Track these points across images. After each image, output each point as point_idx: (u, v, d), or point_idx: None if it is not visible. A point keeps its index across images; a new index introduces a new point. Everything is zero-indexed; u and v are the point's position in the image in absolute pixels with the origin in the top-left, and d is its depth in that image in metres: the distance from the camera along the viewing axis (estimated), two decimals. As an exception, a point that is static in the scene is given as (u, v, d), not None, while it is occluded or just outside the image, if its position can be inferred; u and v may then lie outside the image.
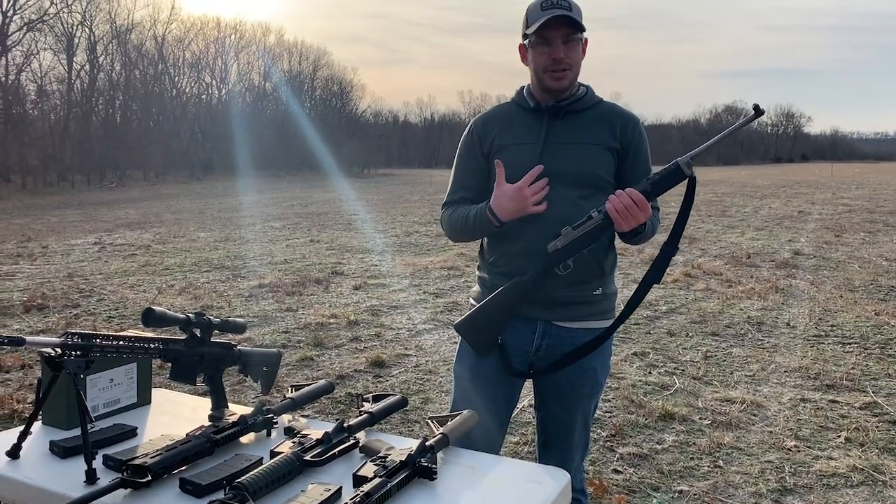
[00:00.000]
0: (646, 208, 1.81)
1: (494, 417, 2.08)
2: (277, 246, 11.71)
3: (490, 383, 2.07)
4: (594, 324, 2.04)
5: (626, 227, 1.83)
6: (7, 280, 8.46)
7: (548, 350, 2.03)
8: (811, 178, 38.31)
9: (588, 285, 2.01)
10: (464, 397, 2.10)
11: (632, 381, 4.67)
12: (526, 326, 2.03)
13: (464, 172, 2.15)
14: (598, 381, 2.10)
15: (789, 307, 6.96)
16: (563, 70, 1.94)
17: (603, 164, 2.00)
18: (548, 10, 1.90)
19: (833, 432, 3.85)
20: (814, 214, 16.71)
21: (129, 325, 6.20)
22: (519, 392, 2.16)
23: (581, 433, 2.14)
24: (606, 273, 2.06)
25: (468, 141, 2.13)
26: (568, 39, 1.93)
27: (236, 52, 55.36)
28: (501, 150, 2.04)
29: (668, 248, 1.89)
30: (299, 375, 4.84)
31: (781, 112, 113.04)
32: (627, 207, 1.79)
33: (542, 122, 2.01)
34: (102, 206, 22.18)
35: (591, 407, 2.14)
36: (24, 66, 38.36)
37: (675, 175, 1.84)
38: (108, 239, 12.73)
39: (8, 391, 4.44)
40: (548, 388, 2.10)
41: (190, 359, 1.75)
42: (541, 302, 1.98)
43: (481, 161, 2.10)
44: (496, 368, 2.05)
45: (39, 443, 1.67)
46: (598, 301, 2.04)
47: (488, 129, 2.09)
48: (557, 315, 2.01)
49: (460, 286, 7.96)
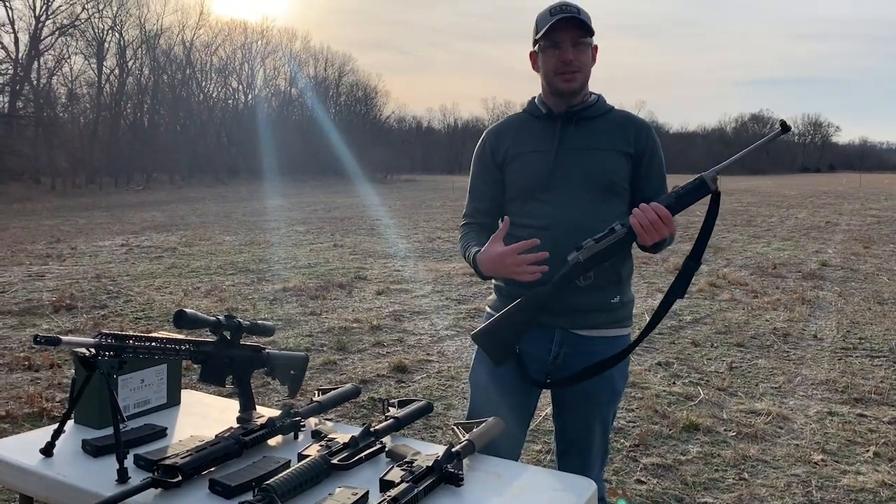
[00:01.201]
0: (670, 223, 1.79)
1: (513, 426, 2.08)
2: (301, 250, 11.78)
3: (506, 392, 2.06)
4: (612, 332, 2.03)
5: (649, 241, 1.81)
6: (37, 280, 8.60)
7: (565, 359, 2.02)
8: (839, 188, 37.83)
9: (606, 293, 2.00)
10: (480, 405, 2.09)
11: (656, 391, 4.64)
12: (543, 335, 2.01)
13: (478, 184, 2.16)
14: (616, 388, 2.09)
15: (816, 319, 6.87)
16: (572, 72, 1.95)
17: (618, 169, 1.99)
18: (556, 15, 1.93)
19: (861, 447, 3.80)
20: (842, 225, 16.49)
21: (155, 327, 6.28)
22: (536, 401, 2.15)
23: (600, 441, 2.13)
24: (624, 280, 2.04)
25: (481, 153, 2.15)
26: (577, 42, 1.94)
27: (262, 58, 55.86)
28: (516, 159, 2.05)
29: (691, 263, 1.87)
30: (322, 379, 4.87)
31: (809, 122, 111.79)
32: (653, 223, 1.77)
33: (556, 129, 2.01)
34: (129, 209, 22.47)
35: (609, 415, 2.13)
36: (56, 70, 39.06)
37: (700, 189, 1.82)
38: (136, 241, 12.89)
39: (37, 390, 4.51)
40: (566, 396, 2.09)
41: (220, 361, 1.77)
42: (558, 310, 1.97)
43: (495, 172, 2.11)
44: (513, 377, 2.04)
45: (72, 441, 1.70)
46: (615, 309, 2.03)
47: (501, 139, 2.10)
48: (575, 323, 2.00)
49: (482, 293, 7.96)
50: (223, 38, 52.51)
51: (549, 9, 1.96)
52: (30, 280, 8.60)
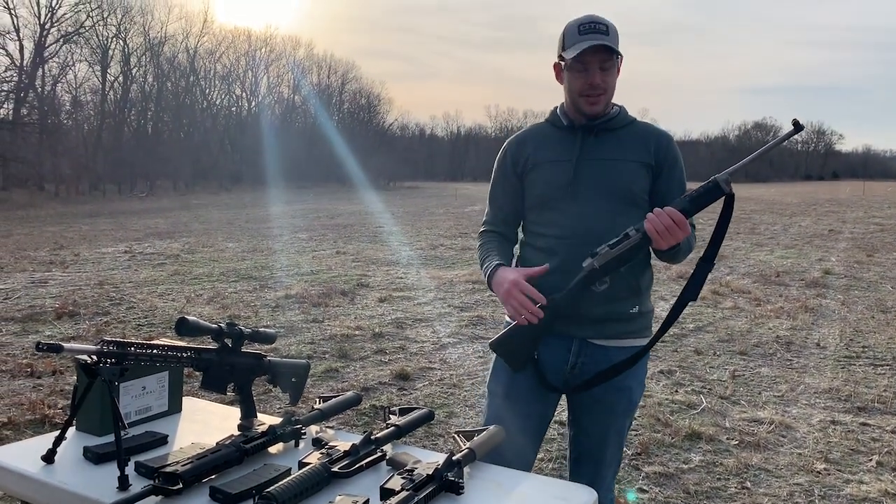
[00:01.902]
0: (685, 227, 1.79)
1: (528, 435, 2.07)
2: (304, 257, 11.80)
3: (524, 400, 2.06)
4: (630, 342, 2.03)
5: (664, 245, 1.81)
6: (40, 287, 8.61)
7: (583, 368, 2.02)
8: (842, 196, 37.79)
9: (625, 302, 2.00)
10: (497, 414, 2.08)
11: (658, 399, 4.63)
12: (561, 344, 2.02)
13: (498, 193, 2.18)
14: (632, 399, 2.09)
15: (819, 327, 6.85)
16: (598, 95, 1.96)
17: (638, 180, 1.99)
18: (586, 36, 1.90)
19: (864, 456, 3.78)
20: (845, 233, 16.47)
21: (158, 334, 6.28)
22: (553, 409, 2.14)
23: (614, 452, 2.13)
24: (643, 291, 2.04)
25: (502, 162, 2.15)
26: (605, 65, 1.93)
27: (266, 65, 56.11)
28: (536, 168, 2.05)
29: (705, 265, 1.88)
30: (324, 387, 4.87)
31: (812, 129, 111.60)
32: (667, 227, 1.77)
33: (577, 139, 2.02)
34: (133, 216, 22.52)
35: (625, 426, 2.12)
36: (60, 77, 39.31)
37: (714, 192, 1.81)
38: (138, 248, 12.92)
39: (40, 396, 4.51)
40: (582, 405, 2.09)
41: (221, 368, 1.77)
42: (576, 319, 1.97)
43: (514, 182, 2.12)
44: (530, 385, 2.05)
45: (73, 448, 1.70)
46: (634, 319, 2.03)
47: (522, 148, 2.11)
48: (593, 332, 2.00)
49: (485, 300, 7.96)
50: (227, 46, 52.82)
51: (578, 25, 1.94)
52: (33, 287, 8.62)
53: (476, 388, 4.80)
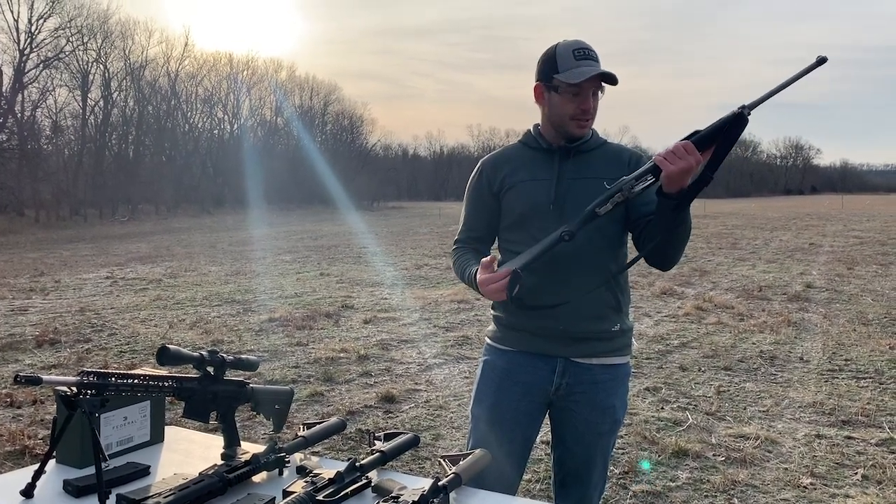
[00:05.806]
0: (693, 152, 1.72)
1: (512, 458, 2.07)
2: (288, 280, 11.74)
3: (508, 423, 2.07)
4: (612, 360, 2.06)
5: (674, 168, 1.72)
6: (20, 315, 8.51)
7: (567, 388, 2.04)
8: (822, 209, 38.22)
9: (606, 321, 2.02)
10: (481, 438, 2.08)
11: (644, 416, 4.63)
12: (546, 365, 2.04)
13: (472, 213, 2.19)
14: (616, 418, 2.10)
15: (802, 341, 6.90)
16: (587, 119, 1.99)
17: None
18: (582, 62, 1.92)
19: (849, 469, 3.80)
20: (825, 247, 16.65)
21: (140, 360, 6.22)
22: (537, 432, 2.14)
23: (600, 472, 2.13)
24: (623, 308, 2.07)
25: (476, 183, 2.16)
26: (597, 91, 1.97)
27: (248, 88, 56.01)
28: (514, 187, 2.07)
29: (707, 173, 1.79)
30: (309, 411, 4.83)
31: (790, 144, 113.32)
32: (674, 150, 1.72)
33: (555, 161, 2.04)
34: (114, 240, 22.34)
35: (609, 445, 2.13)
36: (40, 102, 39.01)
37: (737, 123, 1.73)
38: (120, 273, 12.81)
39: (19, 427, 4.44)
40: (566, 426, 2.09)
41: (203, 397, 1.75)
42: (560, 338, 1.99)
43: (490, 202, 2.13)
44: (514, 408, 2.05)
45: (53, 482, 1.67)
46: (615, 337, 2.05)
47: (498, 169, 2.12)
48: (576, 351, 2.02)
49: (470, 319, 7.95)
50: (208, 69, 52.69)
51: (573, 50, 1.94)
52: (12, 314, 8.51)
53: (462, 410, 4.78)
